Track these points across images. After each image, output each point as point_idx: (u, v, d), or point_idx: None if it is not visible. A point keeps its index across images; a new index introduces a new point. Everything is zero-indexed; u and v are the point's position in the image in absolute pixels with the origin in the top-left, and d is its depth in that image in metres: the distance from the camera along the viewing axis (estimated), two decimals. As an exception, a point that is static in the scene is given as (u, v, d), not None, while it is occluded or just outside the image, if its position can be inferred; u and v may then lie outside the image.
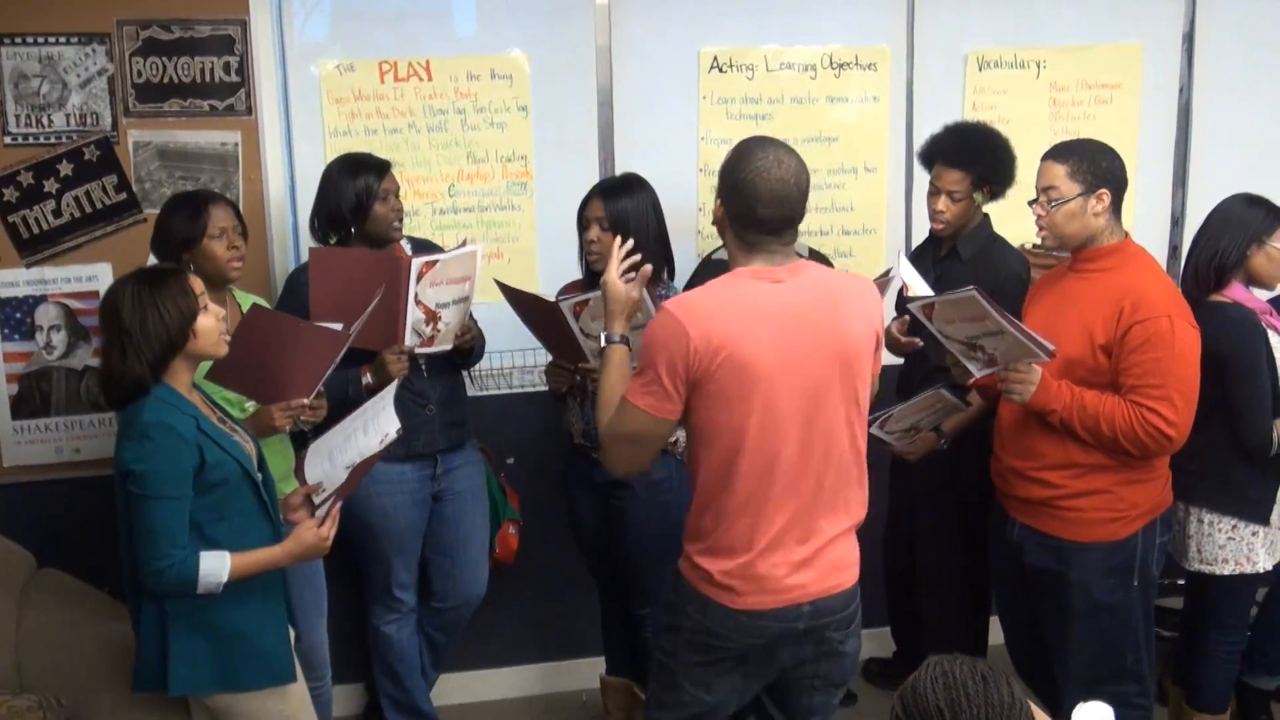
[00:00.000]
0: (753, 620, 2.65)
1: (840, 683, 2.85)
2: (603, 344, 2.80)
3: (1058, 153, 3.18)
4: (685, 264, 3.95)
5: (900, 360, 3.84)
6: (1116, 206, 3.16)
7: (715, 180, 4.12)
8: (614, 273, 2.84)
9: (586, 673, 4.31)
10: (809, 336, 2.57)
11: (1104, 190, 3.11)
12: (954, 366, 3.35)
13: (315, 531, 2.78)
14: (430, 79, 3.98)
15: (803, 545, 2.63)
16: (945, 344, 3.27)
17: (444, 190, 4.04)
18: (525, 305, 3.52)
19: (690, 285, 3.77)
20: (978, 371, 3.22)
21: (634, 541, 3.69)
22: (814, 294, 2.61)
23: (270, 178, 3.89)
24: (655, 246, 3.51)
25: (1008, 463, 3.30)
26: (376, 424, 2.90)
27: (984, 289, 3.03)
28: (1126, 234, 3.22)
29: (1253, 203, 3.47)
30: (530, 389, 4.14)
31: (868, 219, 4.35)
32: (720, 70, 4.17)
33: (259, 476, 2.81)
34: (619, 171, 3.91)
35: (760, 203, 2.56)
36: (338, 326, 3.09)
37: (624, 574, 3.81)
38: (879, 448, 3.76)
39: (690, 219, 4.21)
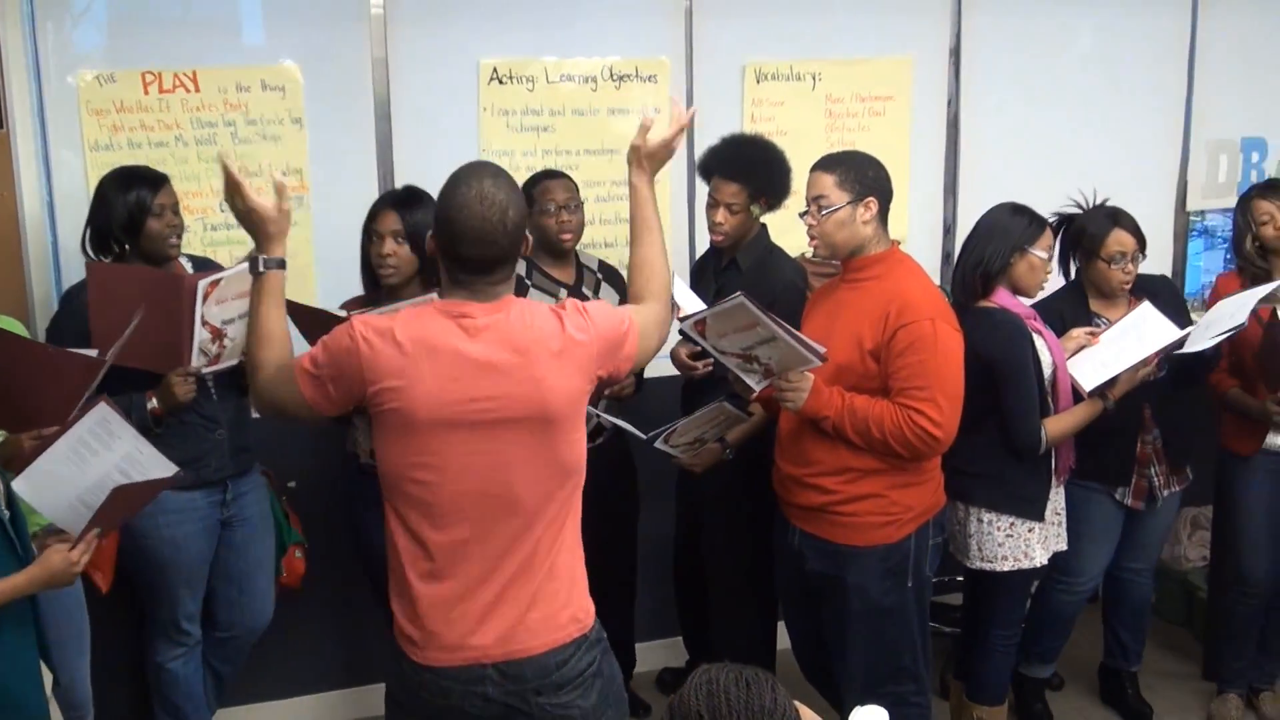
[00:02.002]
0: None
1: None
2: (261, 269, 2.53)
3: (826, 163, 3.24)
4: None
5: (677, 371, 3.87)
6: (884, 215, 3.23)
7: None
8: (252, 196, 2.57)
9: (377, 699, 4.18)
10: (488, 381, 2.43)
11: (871, 199, 3.18)
12: (735, 383, 3.38)
13: (64, 555, 2.58)
14: (198, 90, 3.84)
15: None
16: (722, 360, 3.29)
17: (215, 205, 3.90)
18: (309, 320, 3.42)
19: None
20: (756, 385, 3.25)
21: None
22: (504, 340, 2.44)
23: (25, 194, 3.70)
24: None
25: (786, 470, 3.35)
26: (137, 467, 2.76)
27: (761, 299, 3.06)
28: (894, 242, 3.30)
29: (1017, 212, 3.58)
30: (312, 409, 4.03)
31: (651, 230, 4.36)
32: (500, 82, 4.14)
33: (6, 514, 2.65)
34: (398, 184, 3.84)
35: (462, 242, 2.40)
36: (93, 352, 2.94)
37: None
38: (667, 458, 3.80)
39: (473, 232, 4.16)
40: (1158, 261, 4.95)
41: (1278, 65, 5.05)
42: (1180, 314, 3.82)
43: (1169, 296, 3.93)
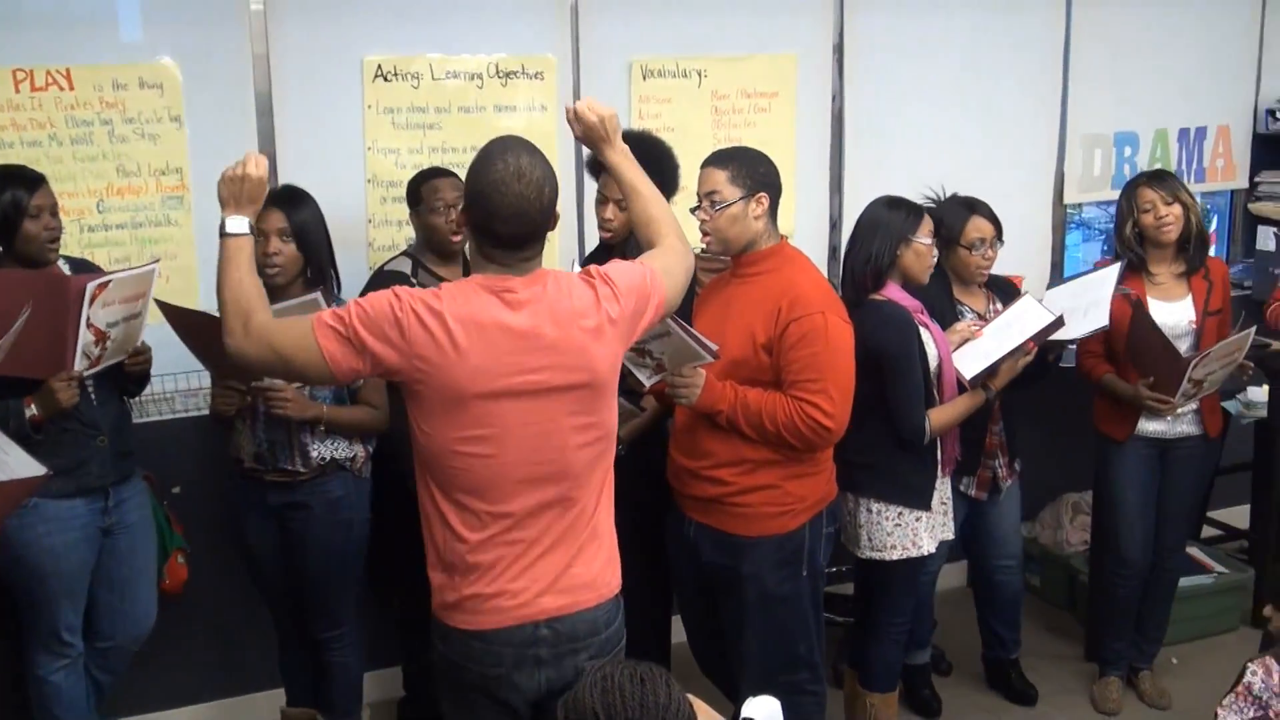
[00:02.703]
0: None
1: None
2: (233, 230, 2.57)
3: (718, 159, 3.26)
4: (357, 277, 3.88)
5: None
6: (774, 211, 3.26)
7: (384, 191, 4.13)
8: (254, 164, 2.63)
9: (264, 707, 4.15)
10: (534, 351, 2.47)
11: (763, 194, 3.21)
12: (627, 376, 3.38)
13: None
14: (72, 88, 3.74)
15: None
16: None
17: (92, 206, 3.81)
18: (188, 324, 3.35)
19: (363, 294, 3.69)
20: (647, 380, 3.27)
21: (315, 563, 3.60)
22: (546, 312, 2.47)
23: (-110, 195, 3.56)
24: (329, 256, 3.53)
25: (681, 463, 3.37)
26: (4, 468, 2.68)
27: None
28: (783, 237, 3.33)
29: (894, 204, 3.64)
30: (195, 413, 3.96)
31: (541, 227, 4.35)
32: (385, 79, 4.09)
33: None
34: (282, 183, 3.78)
35: (497, 219, 2.43)
36: None
37: (304, 599, 3.70)
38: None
39: (360, 231, 4.11)
40: (1038, 254, 5.11)
41: (1147, 62, 5.21)
42: None
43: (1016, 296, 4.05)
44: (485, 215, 2.44)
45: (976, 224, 3.95)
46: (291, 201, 3.46)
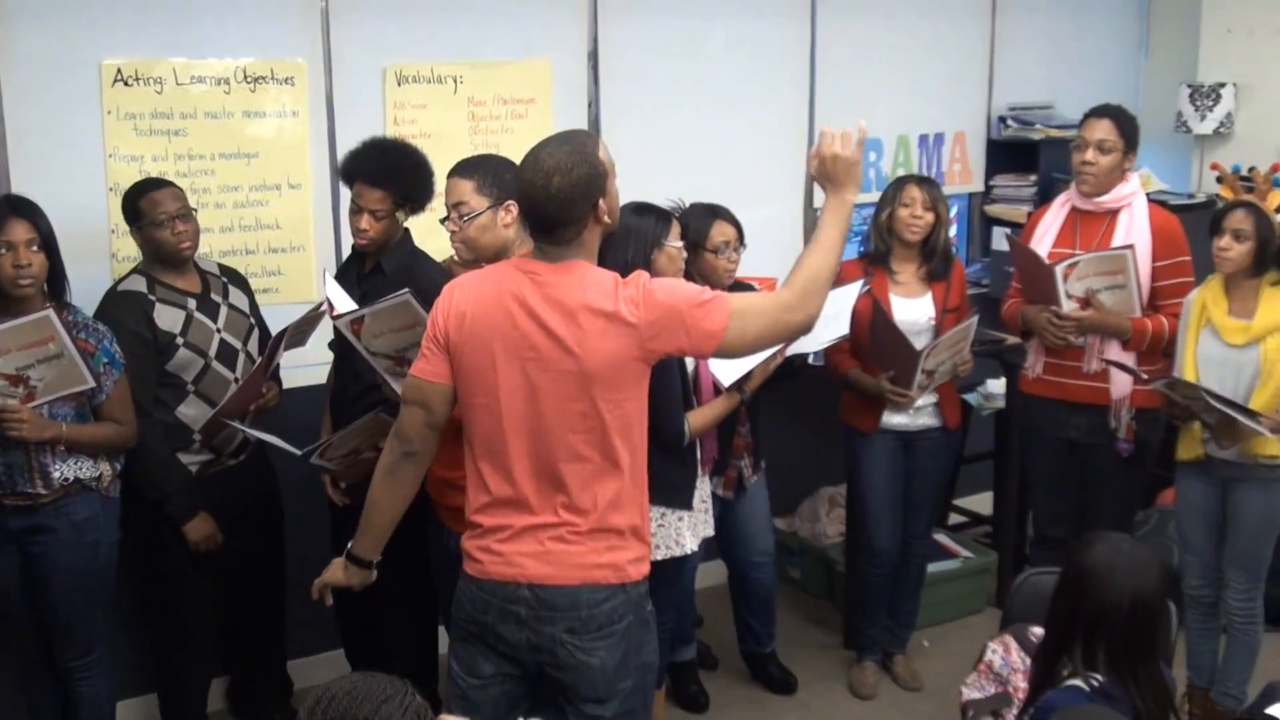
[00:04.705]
0: None
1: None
2: None
3: (462, 169, 3.25)
4: (99, 286, 3.75)
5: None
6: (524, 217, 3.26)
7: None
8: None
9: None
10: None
11: (511, 202, 3.21)
12: (385, 387, 3.35)
13: None
14: None
15: None
16: (372, 361, 3.26)
17: None
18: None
19: (99, 316, 3.58)
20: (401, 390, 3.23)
21: (60, 589, 3.47)
22: (554, 299, 2.62)
23: None
24: (60, 266, 3.41)
25: (438, 474, 3.34)
26: None
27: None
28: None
29: (642, 210, 3.66)
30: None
31: (294, 236, 4.26)
32: (126, 83, 3.94)
33: None
34: (15, 191, 3.61)
35: (520, 202, 2.72)
36: None
37: (51, 626, 3.54)
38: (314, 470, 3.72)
39: (102, 241, 3.95)
40: (790, 257, 5.20)
41: (889, 70, 5.43)
42: None
43: None
44: (517, 200, 2.77)
45: (721, 228, 4.03)
46: (31, 211, 3.34)
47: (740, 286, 4.19)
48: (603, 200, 2.65)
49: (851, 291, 4.03)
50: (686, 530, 3.81)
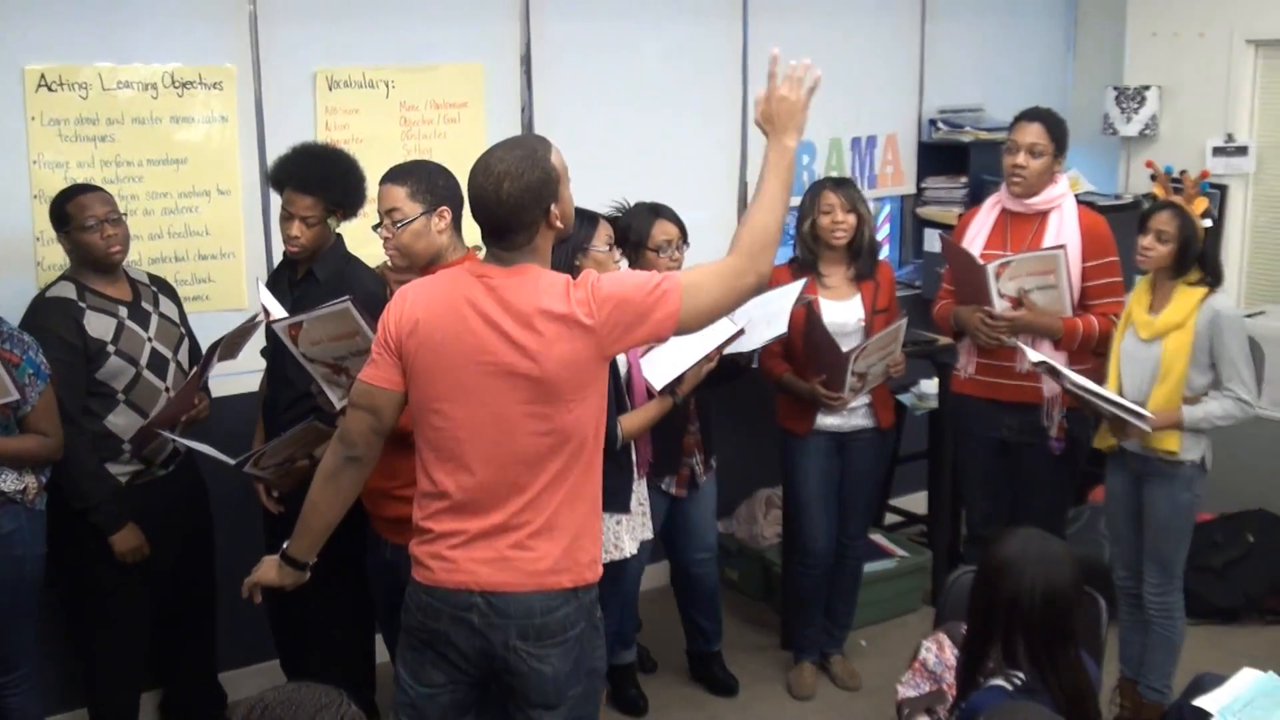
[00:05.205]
0: None
1: None
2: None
3: (395, 175, 3.23)
4: (24, 295, 3.70)
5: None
6: (457, 223, 3.26)
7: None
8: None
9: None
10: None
11: (444, 208, 3.20)
12: (319, 395, 3.33)
13: None
14: None
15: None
16: (309, 368, 3.24)
17: None
18: None
19: (27, 323, 3.52)
20: (338, 401, 3.21)
21: (-17, 605, 3.39)
22: (507, 304, 2.61)
23: None
24: None
25: (374, 484, 3.31)
26: None
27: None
28: (469, 249, 3.33)
29: (568, 216, 3.69)
30: None
31: (225, 243, 4.22)
32: (50, 89, 3.87)
33: None
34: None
35: (471, 207, 2.65)
36: None
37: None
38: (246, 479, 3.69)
39: (26, 249, 3.88)
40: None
41: (822, 70, 5.43)
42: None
43: None
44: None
45: (663, 227, 4.06)
46: None
47: None
48: (555, 205, 2.65)
49: (791, 291, 4.05)
50: (625, 534, 3.82)
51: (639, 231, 4.05)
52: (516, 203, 2.59)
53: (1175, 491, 3.95)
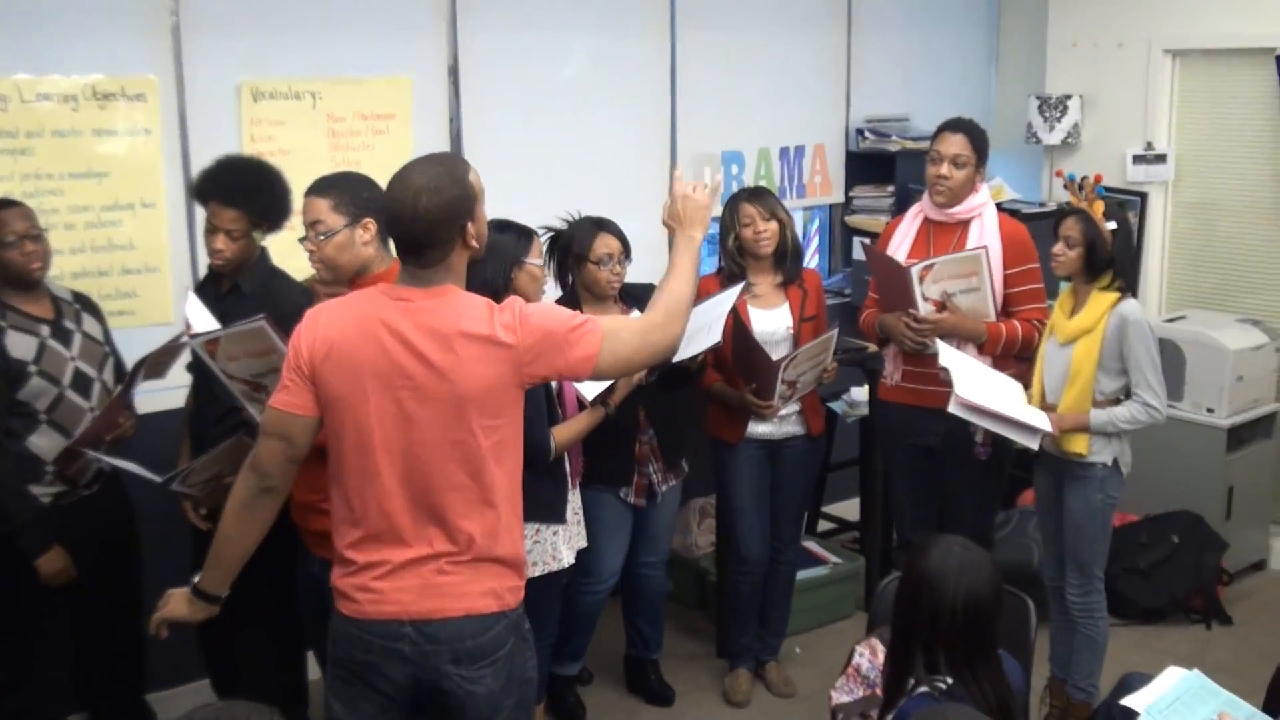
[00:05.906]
0: None
1: None
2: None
3: (318, 188, 3.20)
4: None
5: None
6: (383, 234, 3.23)
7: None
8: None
9: None
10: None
11: (369, 220, 3.18)
12: (244, 409, 3.29)
13: None
14: None
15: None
16: (229, 385, 3.20)
17: None
18: None
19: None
20: (258, 415, 3.17)
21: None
22: (427, 325, 2.58)
23: None
24: None
25: (301, 498, 3.28)
26: None
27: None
28: (396, 260, 3.30)
29: (502, 228, 3.64)
30: None
31: (149, 257, 4.17)
32: (-34, 102, 3.82)
33: None
34: None
35: (388, 220, 2.65)
36: None
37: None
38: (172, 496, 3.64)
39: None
40: (657, 270, 5.23)
41: (749, 84, 5.50)
42: None
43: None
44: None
45: (605, 241, 4.04)
46: None
47: (632, 293, 4.14)
48: (471, 224, 2.64)
49: (726, 300, 4.05)
50: (562, 544, 3.83)
51: (581, 244, 4.03)
52: (434, 218, 2.58)
53: (1089, 493, 4.02)
